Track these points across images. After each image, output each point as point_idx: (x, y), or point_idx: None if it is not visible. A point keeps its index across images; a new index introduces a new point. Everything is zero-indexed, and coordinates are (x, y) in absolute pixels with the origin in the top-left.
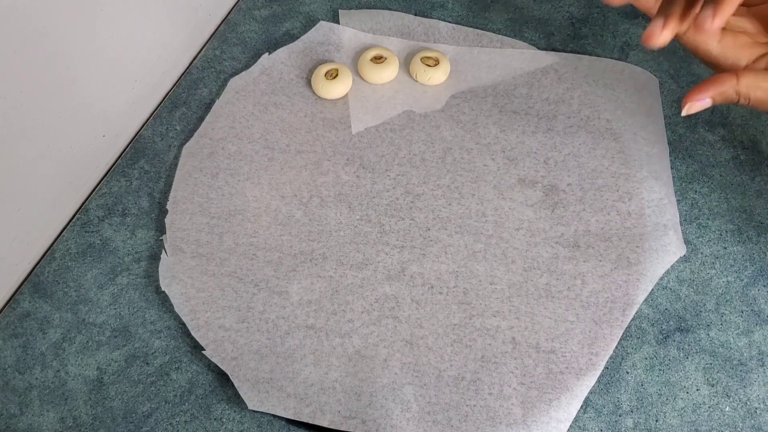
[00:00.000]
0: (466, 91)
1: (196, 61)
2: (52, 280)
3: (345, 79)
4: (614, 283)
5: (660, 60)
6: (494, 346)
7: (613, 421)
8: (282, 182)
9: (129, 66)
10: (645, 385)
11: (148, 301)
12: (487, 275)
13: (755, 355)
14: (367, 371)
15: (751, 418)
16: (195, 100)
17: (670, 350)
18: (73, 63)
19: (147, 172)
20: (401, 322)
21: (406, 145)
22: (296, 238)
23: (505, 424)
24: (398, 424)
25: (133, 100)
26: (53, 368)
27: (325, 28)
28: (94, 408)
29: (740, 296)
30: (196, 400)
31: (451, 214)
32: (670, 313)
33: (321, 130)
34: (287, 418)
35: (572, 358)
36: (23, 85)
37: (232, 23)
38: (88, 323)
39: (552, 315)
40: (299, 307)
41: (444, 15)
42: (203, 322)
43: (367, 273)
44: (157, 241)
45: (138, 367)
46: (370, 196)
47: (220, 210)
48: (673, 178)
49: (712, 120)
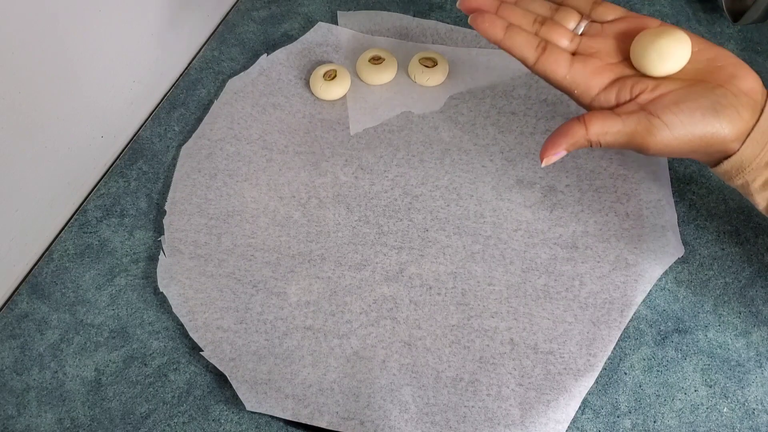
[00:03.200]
0: (465, 92)
1: (194, 62)
2: (50, 281)
3: (343, 81)
4: (612, 284)
5: None
6: (492, 347)
7: (612, 422)
8: (280, 183)
9: (127, 66)
10: (643, 386)
11: (147, 302)
12: (486, 276)
13: (753, 356)
14: (365, 372)
15: (749, 419)
16: (193, 101)
17: (668, 351)
18: (72, 63)
19: (145, 173)
20: (399, 323)
21: (405, 146)
22: (294, 239)
23: (504, 425)
24: (396, 425)
25: (131, 101)
26: (51, 369)
27: (324, 29)
28: (92, 409)
29: (738, 297)
30: (195, 401)
31: (450, 215)
32: (668, 314)
33: (319, 131)
34: (285, 419)
35: (570, 359)
36: (21, 86)
37: (230, 24)
38: (86, 324)
39: (550, 316)
40: (297, 308)
41: (442, 16)
42: (201, 323)
43: (366, 274)
44: (155, 241)
45: (136, 368)
46: (368, 197)
47: (219, 211)
48: (671, 180)
49: None
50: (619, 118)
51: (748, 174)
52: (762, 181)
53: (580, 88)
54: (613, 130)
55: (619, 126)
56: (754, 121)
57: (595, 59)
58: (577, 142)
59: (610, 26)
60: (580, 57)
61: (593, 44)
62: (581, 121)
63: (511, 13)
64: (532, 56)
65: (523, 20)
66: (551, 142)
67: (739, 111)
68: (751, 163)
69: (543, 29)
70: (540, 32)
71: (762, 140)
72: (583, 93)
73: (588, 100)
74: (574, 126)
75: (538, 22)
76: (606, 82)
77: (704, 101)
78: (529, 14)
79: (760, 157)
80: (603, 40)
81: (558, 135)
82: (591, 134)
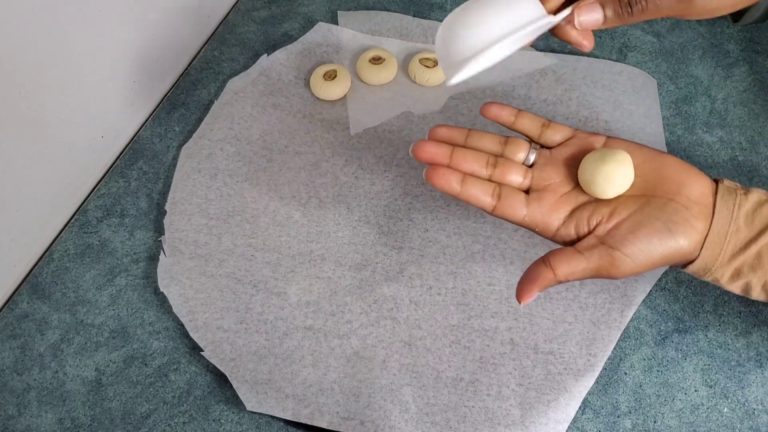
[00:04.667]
0: (465, 92)
1: (194, 62)
2: (50, 281)
3: (343, 80)
4: (612, 284)
5: (658, 61)
6: (493, 347)
7: (612, 422)
8: (280, 183)
9: (128, 67)
10: (643, 386)
11: (147, 302)
12: (486, 276)
13: (753, 357)
14: (365, 372)
15: (749, 419)
16: (194, 101)
17: (668, 351)
18: (72, 63)
19: (146, 173)
20: (400, 323)
21: (405, 146)
22: (295, 239)
23: (504, 425)
24: (397, 425)
25: (131, 101)
26: (51, 369)
27: (324, 30)
28: (93, 409)
29: (738, 297)
30: (195, 401)
31: (450, 215)
32: (668, 314)
33: (319, 131)
34: (286, 419)
35: (570, 359)
36: (22, 86)
37: (230, 24)
38: (87, 324)
39: (550, 316)
40: (298, 308)
41: (442, 16)
42: (202, 323)
43: (366, 274)
44: (155, 242)
45: (136, 368)
46: (368, 197)
47: (219, 211)
48: None
49: (710, 122)
50: (582, 256)
51: (715, 272)
52: (729, 275)
53: (540, 227)
54: (578, 269)
55: (583, 264)
56: (707, 228)
57: (549, 194)
58: (548, 284)
59: (558, 152)
60: (535, 195)
61: (545, 176)
62: (547, 265)
63: (463, 161)
64: (489, 204)
65: (476, 165)
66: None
67: (692, 224)
68: (714, 263)
69: (496, 172)
70: (493, 176)
71: (719, 241)
72: (544, 230)
73: (549, 235)
74: (542, 271)
75: (490, 164)
76: (563, 216)
77: (658, 224)
78: (481, 157)
79: (722, 256)
80: (554, 169)
81: (529, 281)
82: (559, 276)
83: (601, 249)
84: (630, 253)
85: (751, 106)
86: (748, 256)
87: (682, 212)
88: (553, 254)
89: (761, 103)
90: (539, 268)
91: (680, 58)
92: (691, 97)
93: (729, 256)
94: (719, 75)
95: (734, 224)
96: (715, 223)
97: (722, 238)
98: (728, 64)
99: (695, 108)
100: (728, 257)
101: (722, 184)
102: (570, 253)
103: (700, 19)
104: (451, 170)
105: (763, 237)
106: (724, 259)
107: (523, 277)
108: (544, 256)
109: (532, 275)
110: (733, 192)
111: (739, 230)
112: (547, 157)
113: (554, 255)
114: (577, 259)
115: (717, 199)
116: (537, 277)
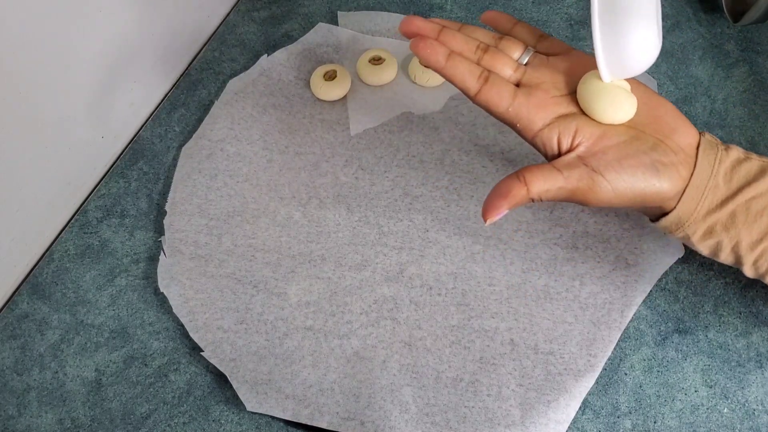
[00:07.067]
0: None
1: (195, 63)
2: (50, 281)
3: (343, 81)
4: (612, 285)
5: (658, 62)
6: (493, 347)
7: (612, 422)
8: (281, 183)
9: (128, 67)
10: (643, 387)
11: (147, 302)
12: (486, 276)
13: (753, 357)
14: (365, 372)
15: (750, 420)
16: (194, 102)
17: (668, 352)
18: (72, 64)
19: (146, 174)
20: (400, 323)
21: (405, 147)
22: (295, 239)
23: (504, 425)
24: (397, 426)
25: (131, 102)
26: (51, 369)
27: (324, 30)
28: (93, 409)
29: (738, 298)
30: (195, 402)
31: (450, 215)
32: (668, 314)
33: (320, 131)
34: (286, 420)
35: (571, 359)
36: (22, 86)
37: (230, 25)
38: (87, 324)
39: (550, 316)
40: (298, 308)
41: (443, 16)
42: (202, 324)
43: (366, 274)
44: (155, 242)
45: (136, 368)
46: (368, 198)
47: (219, 211)
48: None
49: (710, 122)
50: (560, 174)
51: (688, 228)
52: (701, 233)
53: (523, 122)
54: (554, 187)
55: (560, 182)
56: (689, 178)
57: (539, 91)
58: (519, 202)
59: (555, 60)
60: (524, 89)
61: (539, 75)
62: (521, 180)
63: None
64: (474, 86)
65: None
66: (492, 204)
67: (678, 169)
68: (689, 218)
69: (486, 57)
70: (482, 60)
71: (696, 195)
72: (526, 127)
73: (530, 134)
74: (514, 186)
75: (480, 49)
76: (550, 117)
77: (646, 159)
78: (471, 41)
79: (697, 211)
80: (549, 71)
81: (498, 196)
82: (533, 193)
83: (582, 170)
84: (612, 179)
85: (751, 107)
86: (722, 214)
87: (671, 156)
88: (529, 169)
89: (761, 104)
90: (511, 183)
91: (680, 59)
92: (691, 98)
93: (704, 212)
94: (719, 75)
95: (713, 180)
96: (695, 177)
97: (700, 192)
98: (728, 65)
99: (695, 108)
100: (703, 213)
101: (704, 137)
102: (547, 169)
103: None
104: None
105: (740, 196)
106: (699, 215)
107: (492, 192)
108: (518, 171)
109: (502, 190)
110: (715, 146)
111: (717, 187)
112: (542, 60)
113: (529, 170)
114: (554, 176)
115: (699, 152)
116: (508, 192)
